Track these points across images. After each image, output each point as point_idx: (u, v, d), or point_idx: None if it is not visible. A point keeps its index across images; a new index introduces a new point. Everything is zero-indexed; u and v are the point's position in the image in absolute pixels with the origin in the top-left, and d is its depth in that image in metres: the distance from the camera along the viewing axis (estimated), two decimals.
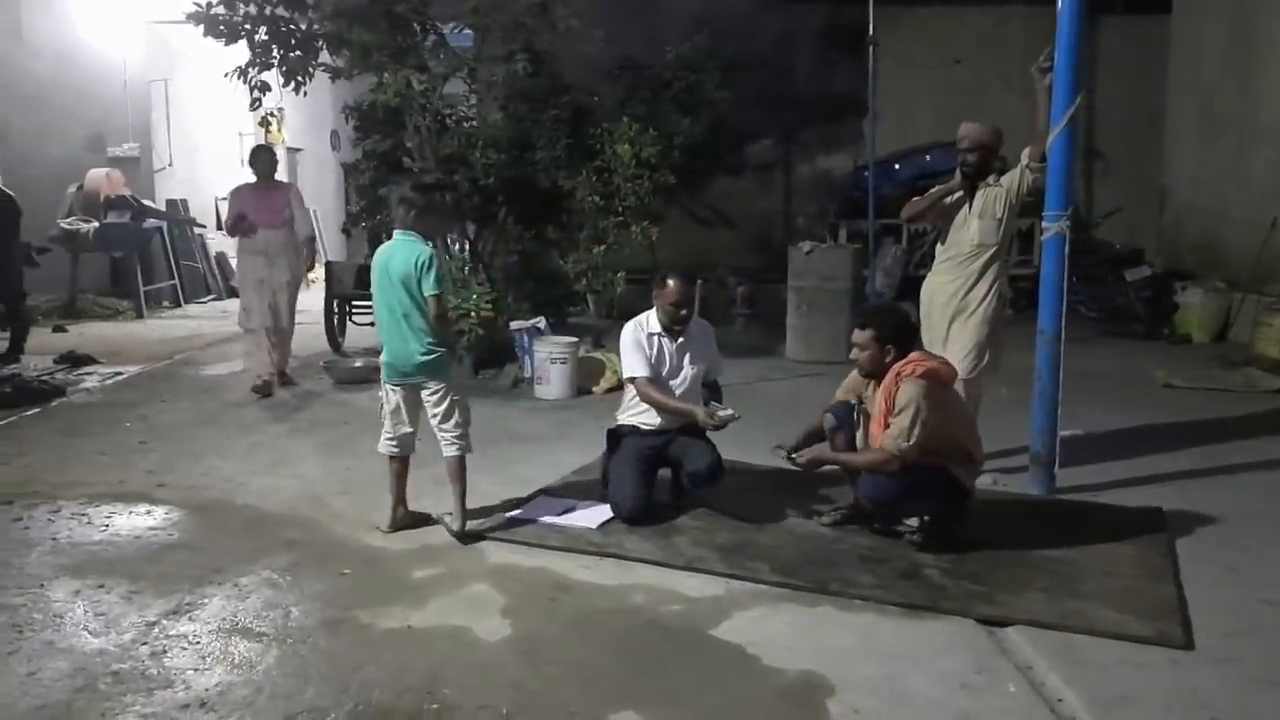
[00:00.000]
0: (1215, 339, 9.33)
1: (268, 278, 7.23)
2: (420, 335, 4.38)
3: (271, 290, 7.24)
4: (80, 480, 5.21)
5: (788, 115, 13.48)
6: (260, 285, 7.21)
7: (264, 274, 7.21)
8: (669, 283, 4.72)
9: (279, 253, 7.26)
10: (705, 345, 4.88)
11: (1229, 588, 3.92)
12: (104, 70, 12.19)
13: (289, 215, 7.30)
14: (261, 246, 7.21)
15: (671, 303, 4.70)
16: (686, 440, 4.71)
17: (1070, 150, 4.79)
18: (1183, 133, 11.35)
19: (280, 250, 7.26)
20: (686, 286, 4.73)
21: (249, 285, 7.28)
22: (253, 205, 7.19)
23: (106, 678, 3.17)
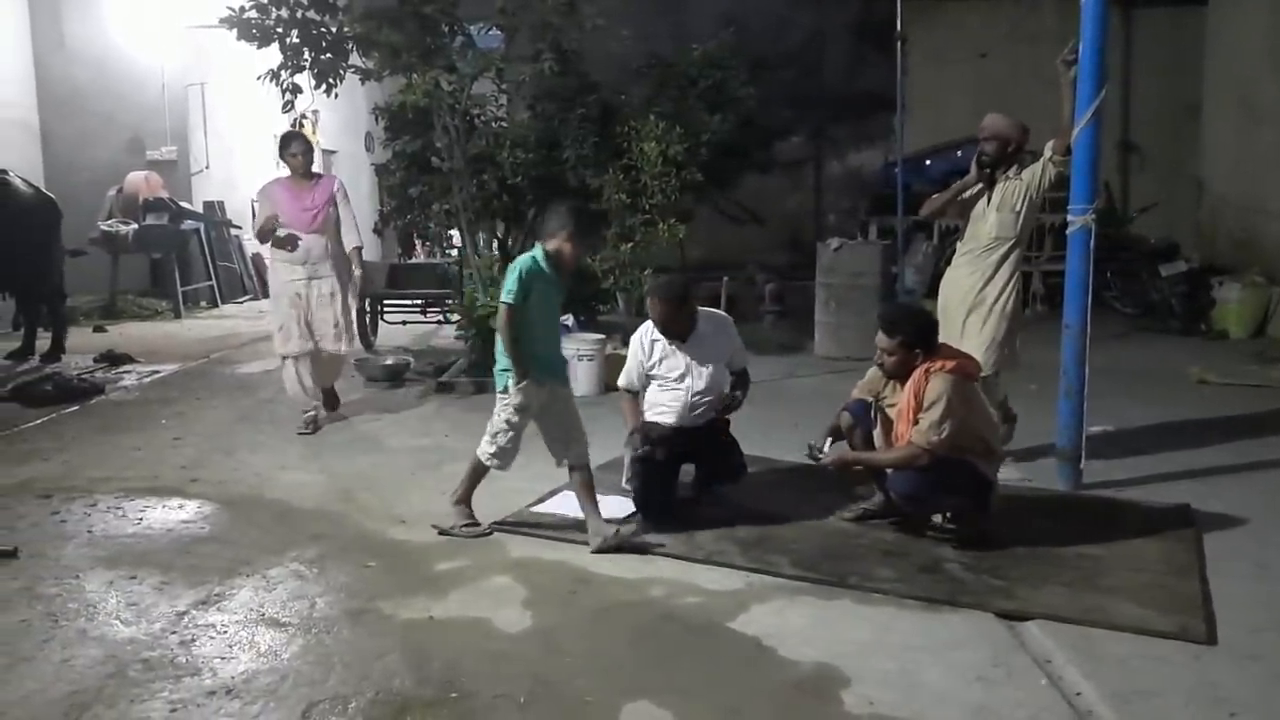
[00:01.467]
0: (1253, 334, 9.17)
1: (307, 292, 6.13)
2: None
3: (309, 307, 6.15)
4: (116, 475, 5.33)
5: (817, 112, 13.46)
6: (297, 301, 6.12)
7: (302, 288, 6.12)
8: (649, 302, 4.68)
9: (320, 260, 6.16)
10: (721, 342, 4.72)
11: (1258, 584, 3.87)
12: (142, 75, 12.43)
13: (333, 215, 6.22)
14: (300, 254, 6.11)
15: (656, 321, 4.65)
16: (710, 437, 4.72)
17: (1096, 143, 4.74)
18: (1219, 125, 11.16)
19: (322, 257, 6.16)
20: (664, 306, 4.56)
21: (283, 301, 6.15)
22: (288, 205, 6.09)
23: (136, 665, 3.25)
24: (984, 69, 12.35)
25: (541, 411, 4.44)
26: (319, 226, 6.15)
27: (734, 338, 4.83)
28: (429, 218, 8.76)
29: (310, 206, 6.15)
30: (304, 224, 6.10)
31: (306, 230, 6.09)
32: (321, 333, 6.21)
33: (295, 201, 6.12)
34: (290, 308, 6.14)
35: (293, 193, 6.14)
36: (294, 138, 6.34)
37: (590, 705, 3.02)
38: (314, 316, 6.17)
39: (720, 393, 4.72)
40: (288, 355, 6.19)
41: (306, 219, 6.12)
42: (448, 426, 6.29)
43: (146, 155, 12.47)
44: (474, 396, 7.09)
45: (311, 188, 6.20)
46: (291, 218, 6.08)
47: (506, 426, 4.38)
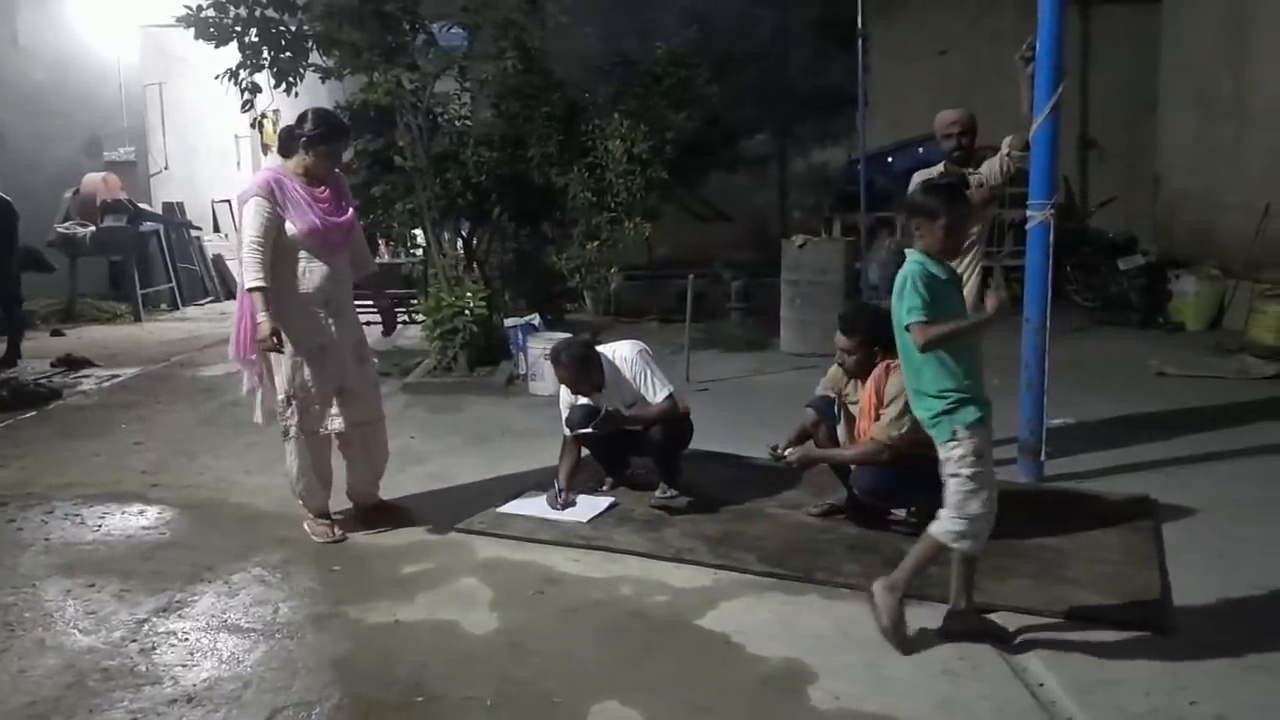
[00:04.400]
0: (1210, 326, 9.32)
1: (334, 341, 4.31)
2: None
3: (338, 363, 4.34)
4: (75, 481, 5.24)
5: (782, 109, 13.49)
6: (324, 357, 4.29)
7: (327, 335, 4.29)
8: (554, 368, 4.82)
9: (347, 294, 4.45)
10: (624, 386, 4.73)
11: (1215, 573, 3.93)
12: (100, 75, 12.22)
13: (356, 231, 4.61)
14: (321, 287, 4.27)
15: (563, 383, 4.80)
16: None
17: (1054, 139, 4.79)
18: (1176, 120, 11.33)
19: (348, 289, 4.47)
20: (566, 370, 4.68)
21: (304, 358, 4.27)
22: (314, 214, 4.23)
23: (96, 674, 3.20)
24: (945, 66, 12.45)
25: None
26: (347, 243, 4.45)
27: (636, 375, 4.72)
28: (392, 217, 8.68)
29: (340, 216, 4.36)
30: (333, 243, 4.31)
31: (335, 251, 4.34)
32: (363, 397, 4.46)
33: (319, 207, 4.27)
34: (315, 370, 4.27)
35: (313, 196, 4.29)
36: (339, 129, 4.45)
37: (558, 705, 3.02)
38: (347, 376, 4.37)
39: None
40: (304, 431, 4.33)
41: (337, 236, 4.33)
42: (414, 428, 6.25)
43: (104, 156, 12.26)
44: (440, 397, 7.05)
45: (330, 189, 4.37)
46: (319, 234, 4.24)
47: (975, 485, 3.27)
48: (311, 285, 4.25)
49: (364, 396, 4.46)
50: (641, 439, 4.76)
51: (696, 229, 12.86)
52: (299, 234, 4.19)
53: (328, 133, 4.32)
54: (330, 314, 4.30)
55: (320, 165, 4.32)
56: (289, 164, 4.33)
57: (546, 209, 9.01)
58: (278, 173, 4.29)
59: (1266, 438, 5.70)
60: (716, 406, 6.53)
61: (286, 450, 4.42)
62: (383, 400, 4.72)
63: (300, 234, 4.19)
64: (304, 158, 4.29)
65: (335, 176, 4.48)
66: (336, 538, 4.38)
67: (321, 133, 4.29)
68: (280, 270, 4.19)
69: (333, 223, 4.29)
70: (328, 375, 4.30)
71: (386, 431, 4.68)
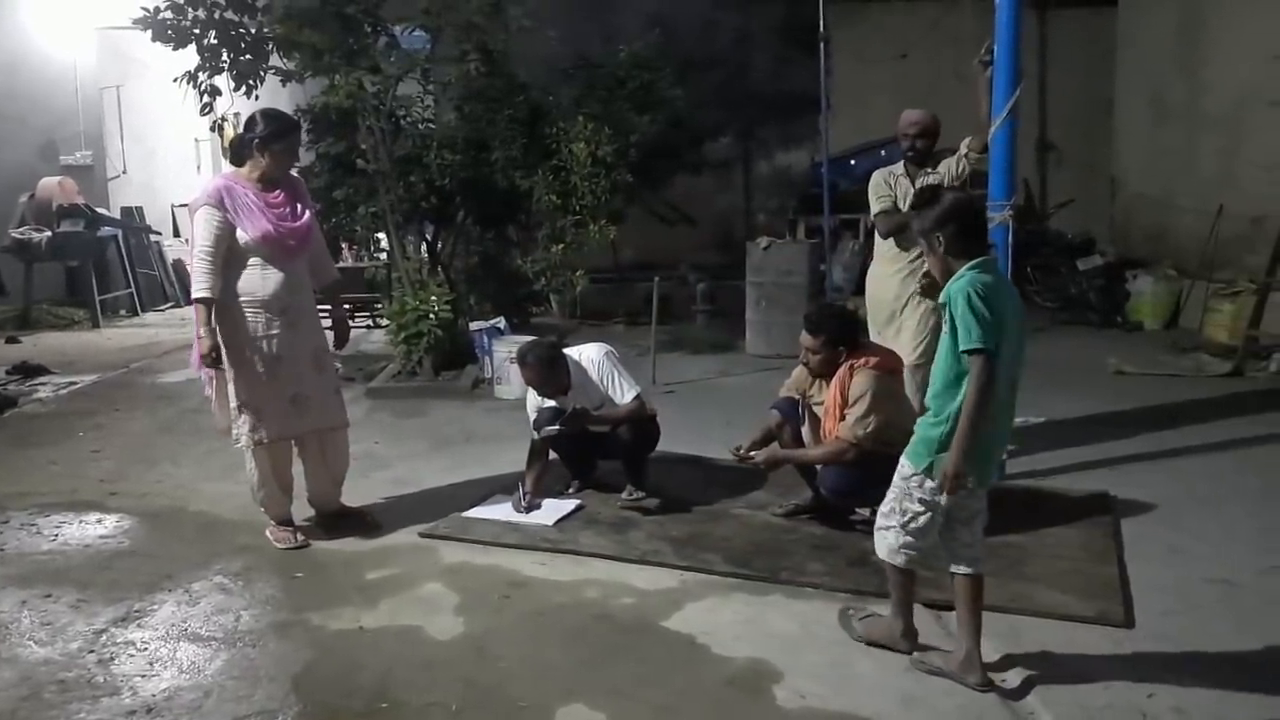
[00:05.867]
0: (1166, 325, 9.48)
1: (290, 352, 4.23)
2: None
3: (294, 372, 4.27)
4: (30, 490, 5.15)
5: (746, 112, 13.54)
6: (277, 365, 4.21)
7: (284, 346, 4.21)
8: (520, 370, 4.83)
9: (304, 301, 4.35)
10: (591, 388, 4.74)
11: (1172, 568, 4.00)
12: (55, 78, 12.02)
13: (314, 236, 4.45)
14: (276, 294, 4.18)
15: (530, 385, 4.81)
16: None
17: (1013, 141, 4.84)
18: (1132, 123, 11.52)
19: (306, 296, 4.37)
20: (532, 371, 4.69)
21: (257, 366, 4.20)
22: (265, 220, 4.14)
23: (52, 686, 3.15)
24: (906, 69, 12.57)
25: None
26: (305, 250, 4.34)
27: (602, 377, 4.73)
28: (355, 221, 8.61)
29: (295, 220, 4.25)
30: (289, 248, 4.23)
31: (291, 257, 4.26)
32: (320, 405, 4.37)
33: (271, 213, 4.18)
34: (269, 381, 4.21)
35: (266, 201, 4.20)
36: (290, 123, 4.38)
37: (524, 710, 3.01)
38: (304, 384, 4.30)
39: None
40: (261, 440, 4.25)
41: (293, 240, 4.24)
42: (377, 433, 6.20)
43: (60, 160, 12.06)
44: (405, 402, 7.00)
45: (285, 193, 4.28)
46: (272, 240, 4.15)
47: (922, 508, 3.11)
48: (267, 292, 4.17)
49: (323, 404, 4.39)
50: (608, 441, 4.77)
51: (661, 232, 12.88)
52: (251, 240, 4.11)
53: (279, 129, 4.22)
54: (286, 322, 4.21)
55: (278, 164, 4.23)
56: (243, 170, 4.25)
57: (511, 212, 8.98)
58: (228, 179, 4.22)
59: (1221, 434, 5.81)
60: (683, 408, 6.55)
61: (245, 458, 4.35)
62: (346, 407, 4.62)
63: (252, 240, 4.11)
64: (259, 160, 4.20)
65: (292, 180, 4.39)
66: (298, 544, 4.32)
67: (273, 130, 4.19)
68: (233, 277, 4.14)
69: (287, 228, 4.20)
70: (281, 384, 4.23)
71: (348, 438, 4.60)
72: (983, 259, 3.03)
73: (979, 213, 3.23)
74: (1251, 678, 3.12)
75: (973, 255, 3.02)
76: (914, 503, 3.10)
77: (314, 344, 4.38)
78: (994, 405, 2.94)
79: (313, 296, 4.46)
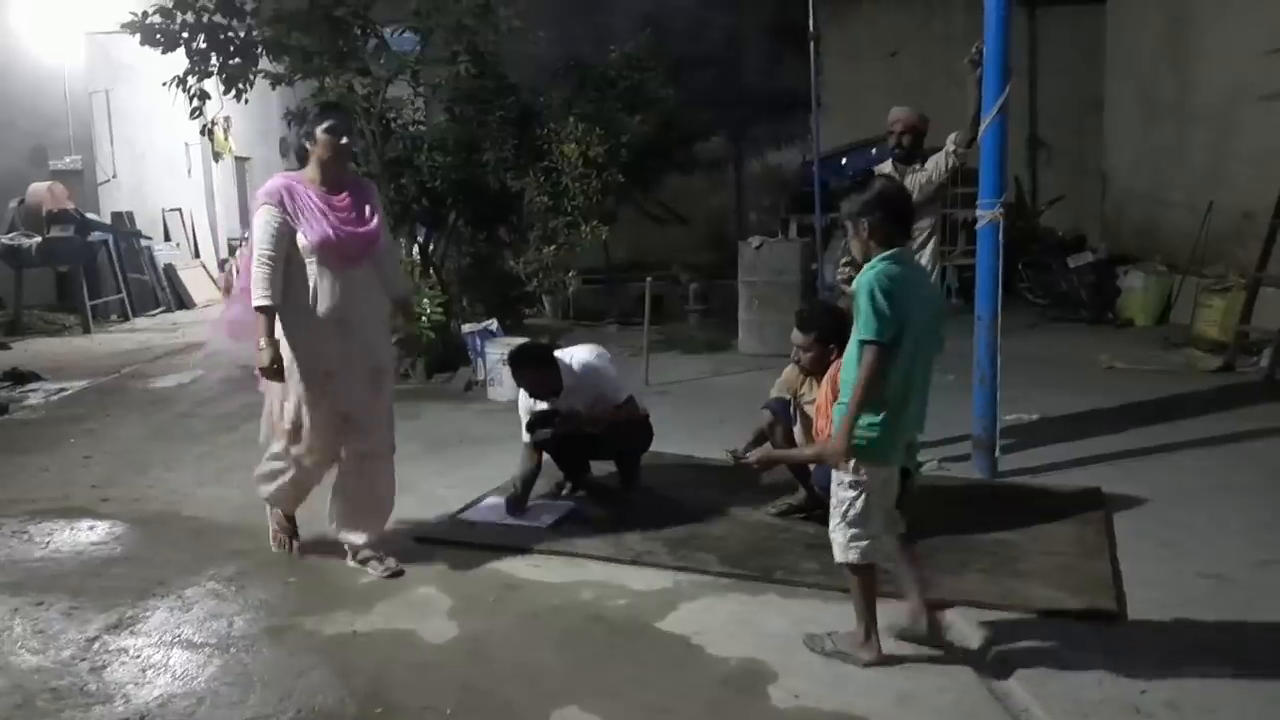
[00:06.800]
0: (1157, 321, 9.52)
1: (342, 367, 3.92)
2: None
3: (347, 389, 3.95)
4: (22, 497, 5.12)
5: (737, 112, 13.55)
6: (327, 381, 3.91)
7: (335, 361, 3.90)
8: (511, 371, 4.79)
9: (369, 314, 4.00)
10: (585, 390, 4.71)
11: (1164, 563, 4.01)
12: (44, 82, 11.99)
13: (383, 244, 4.10)
14: (335, 304, 3.87)
15: (522, 387, 4.77)
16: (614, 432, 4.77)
17: (1003, 139, 4.86)
18: (1122, 119, 11.56)
19: (371, 308, 4.02)
20: (525, 373, 4.67)
21: (304, 379, 3.90)
22: (328, 223, 3.84)
23: (44, 694, 3.13)
24: (896, 67, 12.60)
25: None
26: (369, 258, 3.98)
27: (594, 379, 4.72)
28: None
29: (361, 225, 3.92)
30: (350, 255, 3.88)
31: (353, 265, 3.91)
32: (368, 430, 4.03)
33: (334, 216, 3.86)
34: (315, 396, 3.89)
35: (330, 203, 3.89)
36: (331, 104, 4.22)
37: (519, 712, 3.01)
38: (354, 402, 3.97)
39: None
40: (290, 456, 4.02)
41: (355, 247, 3.90)
42: None
43: (50, 165, 12.04)
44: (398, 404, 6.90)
45: (351, 197, 3.95)
46: (331, 245, 3.82)
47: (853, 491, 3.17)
48: (324, 303, 3.84)
49: (371, 429, 4.03)
50: (601, 442, 4.76)
51: (654, 232, 12.89)
52: (310, 245, 3.80)
53: (321, 112, 3.95)
54: (343, 334, 3.87)
55: (328, 151, 3.87)
56: (306, 171, 3.96)
57: (503, 213, 8.98)
58: (290, 179, 3.92)
59: (1212, 429, 5.83)
60: (676, 408, 6.55)
61: (278, 452, 4.08)
62: (393, 431, 4.22)
63: (311, 245, 3.80)
64: (313, 154, 3.91)
65: (360, 183, 4.11)
66: (293, 551, 4.21)
67: (315, 114, 3.95)
68: (291, 284, 3.83)
69: (348, 233, 3.86)
70: (334, 402, 3.91)
71: (393, 468, 4.18)
72: (898, 250, 3.13)
73: (906, 204, 3.32)
74: (1245, 672, 3.12)
75: (892, 245, 3.13)
76: (845, 490, 3.16)
77: (374, 362, 4.00)
78: (898, 389, 3.06)
79: (380, 309, 4.08)
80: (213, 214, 15.71)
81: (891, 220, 3.14)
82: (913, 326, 3.06)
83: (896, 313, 3.00)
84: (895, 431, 3.15)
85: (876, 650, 3.21)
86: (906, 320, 3.03)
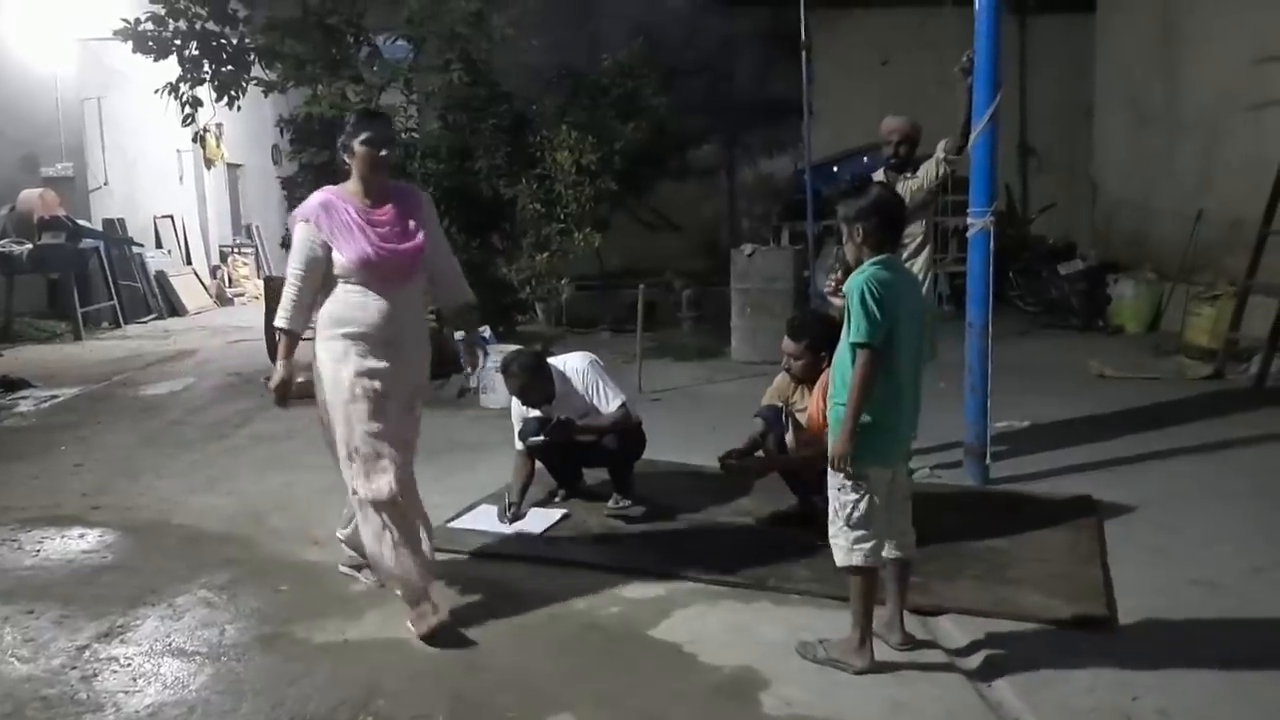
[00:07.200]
0: (1148, 329, 9.56)
1: (395, 388, 3.62)
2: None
3: (393, 413, 3.63)
4: (11, 505, 5.10)
5: (730, 119, 13.59)
6: (385, 403, 3.60)
7: (389, 382, 3.60)
8: (504, 379, 4.82)
9: (413, 333, 3.74)
10: (575, 398, 4.74)
11: (1156, 570, 4.02)
12: (35, 89, 11.97)
13: (434, 253, 3.78)
14: (379, 324, 3.58)
15: (514, 394, 4.78)
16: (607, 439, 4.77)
17: (993, 147, 4.88)
18: (1112, 128, 11.62)
19: (416, 328, 3.78)
20: (516, 381, 4.67)
21: (355, 403, 3.57)
22: (368, 241, 3.56)
23: (35, 704, 3.12)
24: (888, 75, 12.65)
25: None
26: (417, 275, 3.74)
27: (587, 386, 4.73)
28: None
29: (404, 241, 3.64)
30: (390, 274, 3.60)
31: (398, 283, 3.64)
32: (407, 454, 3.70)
33: (374, 232, 3.59)
34: (376, 416, 3.58)
35: (369, 219, 3.62)
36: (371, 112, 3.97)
37: None
38: (400, 427, 3.66)
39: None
40: (380, 499, 3.56)
41: (395, 266, 3.62)
42: None
43: (41, 172, 12.02)
44: None
45: (395, 210, 3.67)
46: (371, 265, 3.55)
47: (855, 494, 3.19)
48: (369, 322, 3.56)
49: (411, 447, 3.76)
50: (594, 450, 4.76)
51: (647, 239, 12.90)
52: (348, 265, 3.53)
53: (358, 122, 3.67)
54: (391, 355, 3.59)
55: (366, 165, 3.60)
56: (348, 184, 3.69)
57: (495, 220, 8.99)
58: (330, 193, 3.66)
59: (1202, 436, 5.86)
60: (669, 415, 6.56)
61: (358, 517, 3.70)
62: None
63: (349, 264, 3.53)
64: (352, 166, 3.65)
65: (407, 193, 3.79)
66: (439, 622, 3.51)
67: (352, 123, 3.67)
68: (335, 303, 3.58)
69: (390, 251, 3.56)
70: (390, 426, 3.60)
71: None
72: (887, 256, 3.21)
73: (900, 212, 3.38)
74: (1236, 680, 3.13)
75: (883, 250, 3.20)
76: (847, 494, 3.17)
77: (414, 382, 3.76)
78: (888, 391, 3.12)
79: (423, 326, 3.87)
80: (204, 221, 15.70)
81: (885, 228, 3.22)
82: (902, 330, 3.14)
83: (887, 317, 3.07)
84: (893, 431, 3.21)
85: (869, 657, 3.21)
86: (896, 324, 3.11)
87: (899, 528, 3.33)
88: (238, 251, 16.30)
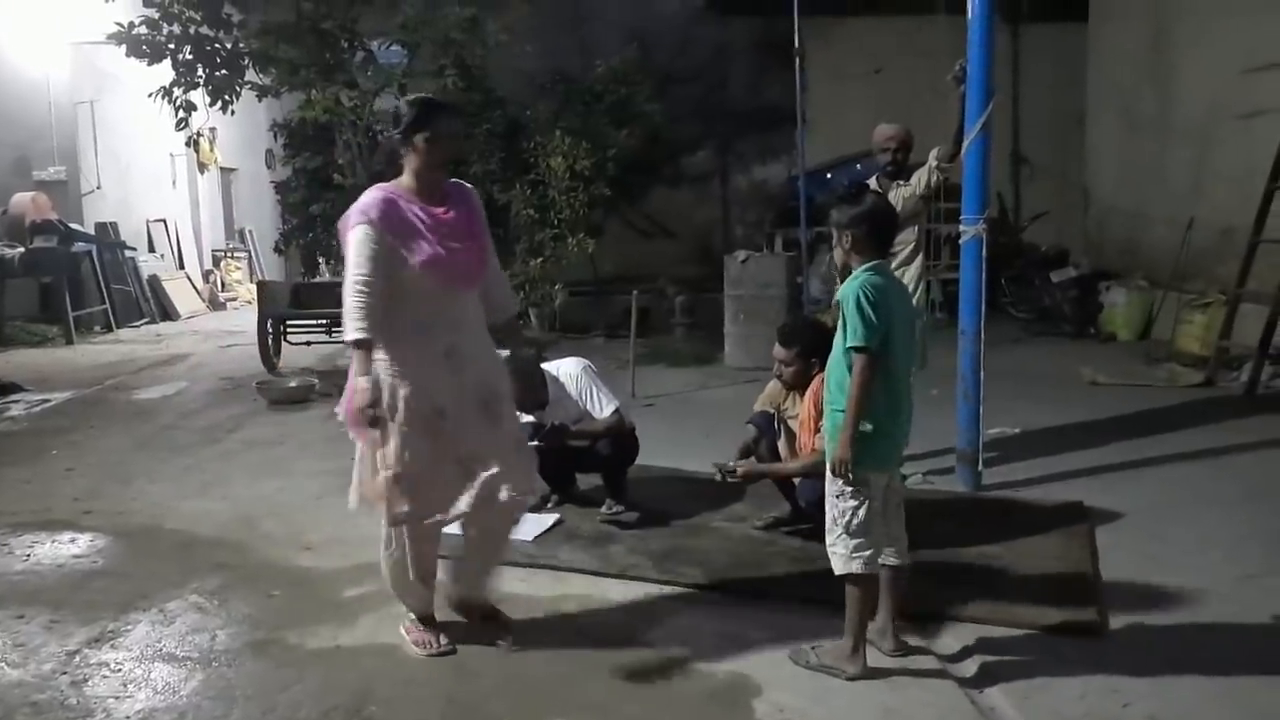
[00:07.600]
0: (1139, 336, 9.59)
1: (454, 402, 3.32)
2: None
3: (461, 428, 3.32)
4: (2, 509, 5.09)
5: (723, 126, 13.63)
6: (439, 420, 3.30)
7: (446, 396, 3.30)
8: None
9: (478, 339, 3.47)
10: (568, 403, 4.72)
11: (1146, 576, 4.03)
12: (28, 92, 11.96)
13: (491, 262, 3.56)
14: (439, 333, 3.32)
15: None
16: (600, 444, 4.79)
17: (986, 155, 4.91)
18: (1104, 136, 11.67)
19: (479, 336, 3.48)
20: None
21: (410, 419, 3.27)
22: (430, 244, 3.25)
23: (25, 709, 3.11)
24: (881, 84, 12.70)
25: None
26: (479, 280, 3.46)
27: (581, 391, 4.72)
28: (332, 235, 8.61)
29: (472, 239, 3.39)
30: (458, 277, 3.35)
31: (463, 287, 3.39)
32: (493, 470, 3.32)
33: (441, 232, 3.29)
34: (430, 436, 3.29)
35: (435, 218, 3.31)
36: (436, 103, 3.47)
37: None
38: (471, 439, 3.34)
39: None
40: (405, 515, 3.33)
41: (464, 268, 3.36)
42: (354, 449, 6.15)
43: (33, 175, 12.00)
44: None
45: (455, 210, 3.37)
46: (443, 267, 3.27)
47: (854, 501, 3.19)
48: (431, 330, 3.29)
49: (500, 463, 3.33)
50: (587, 455, 4.77)
51: (640, 245, 12.92)
52: (416, 267, 3.22)
53: (424, 110, 3.30)
54: (454, 366, 3.31)
55: (434, 156, 3.28)
56: (402, 181, 3.33)
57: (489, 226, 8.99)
58: (389, 191, 3.29)
59: (1194, 443, 5.88)
60: (662, 421, 6.56)
61: (384, 535, 3.50)
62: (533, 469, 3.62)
63: (418, 267, 3.22)
64: (412, 161, 3.30)
65: (460, 190, 3.46)
66: (441, 649, 3.44)
67: (412, 114, 3.28)
68: (391, 311, 3.22)
69: (457, 251, 3.30)
70: (445, 445, 3.30)
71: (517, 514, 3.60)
72: (878, 262, 3.25)
73: (892, 222, 3.43)
74: (1227, 686, 3.14)
75: (873, 258, 3.24)
76: (845, 500, 3.18)
77: (485, 393, 3.39)
78: (886, 396, 3.16)
79: (486, 332, 3.52)
80: (197, 225, 15.68)
81: (874, 236, 3.26)
82: (895, 335, 3.18)
83: (883, 321, 3.11)
84: (891, 436, 3.24)
85: (862, 664, 3.22)
86: (890, 329, 3.15)
87: (893, 534, 3.36)
88: (231, 256, 16.29)
